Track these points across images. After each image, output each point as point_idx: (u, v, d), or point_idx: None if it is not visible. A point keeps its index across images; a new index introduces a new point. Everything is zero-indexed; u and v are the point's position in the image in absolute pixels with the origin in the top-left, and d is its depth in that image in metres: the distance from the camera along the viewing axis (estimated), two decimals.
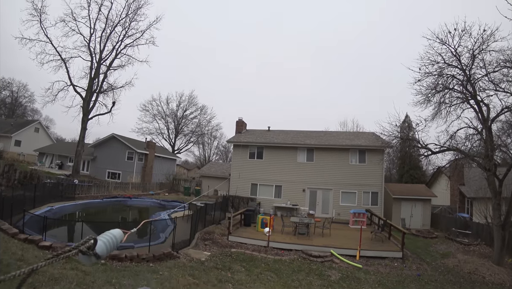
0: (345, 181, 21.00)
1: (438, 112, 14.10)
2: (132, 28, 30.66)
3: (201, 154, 60.51)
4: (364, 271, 10.23)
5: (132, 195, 24.00)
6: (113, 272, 6.52)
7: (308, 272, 9.51)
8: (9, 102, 58.29)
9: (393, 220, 18.23)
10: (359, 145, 21.51)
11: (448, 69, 13.70)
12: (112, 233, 1.50)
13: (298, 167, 22.17)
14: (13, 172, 16.92)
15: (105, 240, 1.41)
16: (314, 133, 25.34)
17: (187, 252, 9.91)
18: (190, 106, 55.25)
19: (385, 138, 15.78)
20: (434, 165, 19.37)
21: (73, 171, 28.17)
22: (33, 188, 15.19)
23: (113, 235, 1.49)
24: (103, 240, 1.41)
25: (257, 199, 22.09)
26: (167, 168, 37.12)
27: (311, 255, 11.14)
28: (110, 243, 1.44)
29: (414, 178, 32.12)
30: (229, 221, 13.23)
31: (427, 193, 21.60)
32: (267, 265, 9.87)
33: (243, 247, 11.85)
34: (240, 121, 26.71)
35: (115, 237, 1.49)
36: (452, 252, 13.96)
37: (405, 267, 10.89)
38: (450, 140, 13.71)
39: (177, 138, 54.76)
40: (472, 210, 20.74)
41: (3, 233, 8.13)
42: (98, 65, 29.57)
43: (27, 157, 38.39)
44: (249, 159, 23.36)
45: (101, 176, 31.58)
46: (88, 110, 28.80)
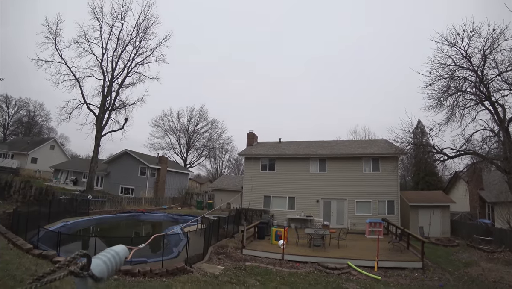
0: (360, 190, 20.57)
1: (452, 115, 13.81)
2: (142, 47, 31.54)
3: (213, 167, 60.77)
4: (383, 282, 9.84)
5: (145, 209, 24.11)
6: (125, 287, 6.45)
7: (325, 285, 9.21)
8: (26, 121, 60.26)
9: (410, 229, 17.64)
10: (372, 153, 21.15)
11: (460, 71, 13.48)
12: (114, 249, 1.28)
13: (311, 177, 21.89)
14: (29, 189, 17.29)
15: (105, 258, 1.18)
16: (326, 143, 25.10)
17: (200, 266, 9.77)
18: (201, 121, 55.89)
19: (398, 145, 15.47)
20: (451, 170, 18.85)
21: (87, 187, 28.59)
22: (48, 204, 15.44)
23: (116, 252, 1.27)
24: (103, 258, 1.18)
25: (270, 211, 21.84)
26: (179, 182, 37.28)
27: (328, 267, 10.82)
28: (112, 261, 1.21)
29: (430, 185, 31.20)
30: (243, 234, 13.06)
31: (445, 200, 20.91)
32: (282, 278, 9.62)
33: (257, 261, 11.62)
34: (251, 134, 26.73)
35: (117, 254, 1.26)
36: (475, 260, 13.34)
37: (426, 278, 10.43)
38: (466, 144, 13.36)
39: (188, 152, 55.21)
40: (494, 215, 19.93)
41: (17, 248, 8.21)
42: (110, 84, 30.36)
43: (43, 173, 39.31)
44: (261, 171, 23.23)
45: (115, 191, 31.93)
46: (101, 127, 29.42)
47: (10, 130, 59.03)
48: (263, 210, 21.79)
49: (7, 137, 56.94)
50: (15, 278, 4.72)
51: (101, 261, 1.15)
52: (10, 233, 9.51)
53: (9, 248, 7.97)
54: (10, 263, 6.20)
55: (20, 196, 16.40)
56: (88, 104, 29.79)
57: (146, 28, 31.05)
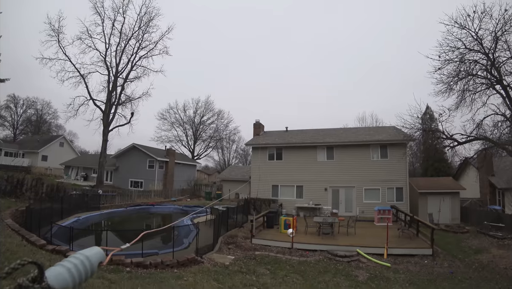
0: (368, 177, 20.46)
1: (462, 100, 13.50)
2: (145, 40, 31.43)
3: (220, 158, 61.07)
4: (393, 270, 9.85)
5: (155, 202, 24.41)
6: (138, 279, 6.56)
7: (334, 273, 9.25)
8: (35, 120, 61.18)
9: (419, 216, 17.52)
10: (380, 140, 20.94)
11: (470, 55, 13.11)
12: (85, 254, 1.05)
13: (318, 165, 21.84)
14: (41, 186, 17.57)
15: (70, 265, 0.96)
16: (333, 131, 24.92)
17: (211, 257, 9.89)
18: (207, 112, 55.91)
19: (406, 132, 15.24)
20: (461, 156, 18.58)
21: (97, 182, 29.03)
22: (60, 200, 15.71)
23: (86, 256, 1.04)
24: (67, 265, 0.95)
25: (278, 200, 21.93)
26: (187, 174, 37.58)
27: (337, 255, 10.87)
28: (80, 269, 0.97)
29: (440, 171, 30.87)
30: (252, 223, 13.16)
31: (455, 186, 20.67)
32: (292, 267, 9.70)
33: (267, 250, 11.72)
34: (258, 123, 26.66)
35: (88, 260, 1.03)
36: (485, 247, 13.20)
37: (436, 265, 10.40)
38: (477, 129, 13.08)
39: (196, 144, 55.46)
40: (504, 201, 19.68)
41: (31, 244, 8.38)
42: (115, 79, 30.44)
43: (54, 170, 40.00)
44: (268, 161, 23.25)
45: (124, 185, 32.36)
46: (108, 122, 29.65)
47: (19, 130, 60.07)
48: (272, 199, 21.88)
49: (17, 136, 57.97)
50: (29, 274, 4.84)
51: (64, 269, 0.94)
52: (23, 230, 9.71)
53: (23, 244, 8.15)
54: None
55: (32, 194, 16.69)
56: (94, 100, 30.01)
57: (148, 21, 30.88)
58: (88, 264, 1.02)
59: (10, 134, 58.60)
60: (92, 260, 1.04)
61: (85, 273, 0.99)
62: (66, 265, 0.95)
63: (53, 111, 62.23)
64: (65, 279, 0.91)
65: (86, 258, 1.02)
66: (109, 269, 6.99)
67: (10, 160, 37.25)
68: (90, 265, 1.03)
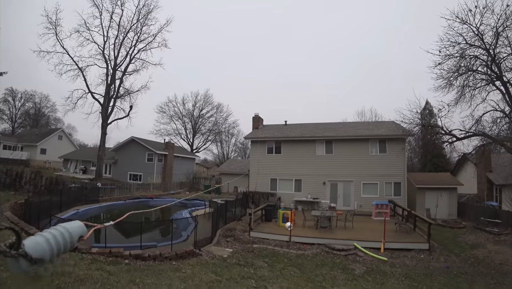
0: (366, 172, 20.55)
1: (461, 96, 13.46)
2: (144, 33, 31.19)
3: (219, 151, 61.17)
4: (389, 264, 9.94)
5: (153, 195, 24.48)
6: (136, 271, 6.60)
7: (331, 266, 9.33)
8: (33, 113, 61.02)
9: (417, 211, 17.64)
10: (379, 134, 20.97)
11: (471, 50, 13.02)
12: (65, 226, 1.04)
13: (317, 159, 21.89)
14: (40, 179, 17.59)
15: (49, 235, 0.96)
16: (332, 125, 24.93)
17: (209, 250, 9.95)
18: (206, 106, 55.83)
19: (406, 127, 15.24)
20: (459, 151, 18.64)
21: (96, 175, 29.05)
22: (59, 193, 15.74)
23: (66, 229, 1.02)
24: (47, 235, 0.96)
25: (277, 194, 22.02)
26: (186, 167, 37.64)
27: (334, 249, 10.95)
28: (59, 240, 0.97)
29: (438, 167, 30.97)
30: (250, 217, 13.22)
31: (453, 182, 20.79)
32: (289, 260, 9.77)
33: (265, 243, 11.79)
34: (257, 117, 26.63)
35: (68, 232, 1.02)
36: (481, 242, 13.31)
37: (432, 259, 10.49)
38: (476, 125, 13.06)
39: (195, 137, 55.47)
40: (501, 197, 19.78)
41: None
42: (113, 72, 30.26)
43: (53, 163, 40.01)
44: (267, 154, 23.29)
45: (123, 178, 32.42)
46: (107, 115, 29.56)
47: (17, 123, 59.95)
48: (270, 192, 21.97)
49: (16, 130, 57.83)
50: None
51: (43, 239, 0.94)
52: (22, 223, 9.73)
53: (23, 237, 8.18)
54: None
55: (31, 186, 16.72)
56: (93, 93, 29.89)
57: (147, 14, 30.61)
58: (68, 236, 1.01)
59: (9, 127, 58.56)
60: (72, 233, 1.04)
61: (63, 244, 0.99)
62: (45, 235, 0.96)
63: (51, 104, 62.10)
64: (43, 248, 0.91)
65: (66, 231, 1.02)
66: (107, 261, 7.03)
67: (8, 153, 37.19)
68: (70, 237, 1.02)
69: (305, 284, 7.50)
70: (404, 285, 8.00)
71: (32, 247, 0.88)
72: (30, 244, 0.89)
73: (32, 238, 0.92)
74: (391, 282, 8.25)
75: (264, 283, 7.18)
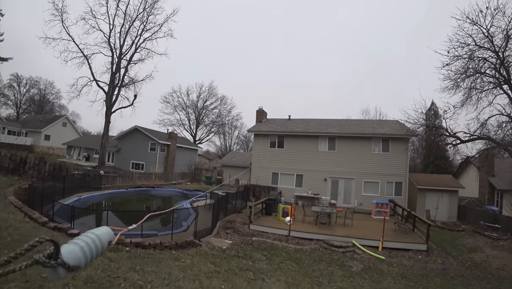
0: (368, 170, 20.54)
1: (468, 98, 13.36)
2: (150, 22, 30.97)
3: (222, 143, 61.32)
4: (387, 262, 10.01)
5: (155, 184, 24.64)
6: (137, 259, 6.71)
7: (329, 262, 9.42)
8: (38, 100, 61.28)
9: (417, 211, 17.67)
10: (382, 133, 20.90)
11: (479, 52, 12.89)
12: (95, 233, 1.08)
13: (319, 156, 21.90)
14: (43, 165, 17.70)
15: (83, 243, 1.00)
16: (336, 122, 24.85)
17: (209, 240, 10.06)
18: (210, 97, 55.76)
19: (410, 126, 15.19)
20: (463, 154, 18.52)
21: (99, 163, 29.21)
22: (62, 179, 15.89)
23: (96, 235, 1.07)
24: (80, 243, 1.00)
25: (278, 188, 22.09)
26: (188, 158, 37.78)
27: (333, 245, 11.02)
28: (91, 247, 1.02)
29: (440, 168, 30.87)
30: (251, 210, 13.31)
31: (454, 184, 20.73)
32: (288, 254, 9.87)
33: (264, 236, 11.90)
34: (260, 110, 26.58)
35: (98, 239, 1.07)
36: (480, 246, 13.34)
37: (430, 261, 10.55)
38: (481, 129, 13.00)
39: (198, 128, 55.54)
40: (502, 202, 19.72)
41: (33, 221, 8.53)
42: (118, 60, 30.19)
43: (57, 150, 40.25)
44: (269, 148, 23.31)
45: (126, 166, 32.61)
46: (111, 104, 29.58)
47: (22, 109, 60.19)
48: (271, 186, 22.04)
49: (20, 115, 58.09)
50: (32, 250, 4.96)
51: (77, 248, 0.98)
52: (26, 207, 9.84)
53: (26, 221, 8.31)
54: (27, 236, 6.49)
55: (35, 172, 16.84)
56: (97, 81, 29.84)
57: (153, 3, 30.32)
58: (99, 242, 1.06)
59: (13, 113, 58.81)
60: (102, 239, 1.09)
61: (95, 251, 1.04)
62: (79, 243, 0.99)
63: (56, 91, 62.26)
64: (78, 256, 0.95)
65: (97, 237, 1.07)
66: (108, 248, 7.13)
67: (13, 139, 37.45)
68: (101, 243, 1.07)
69: (302, 278, 7.58)
70: (401, 285, 8.07)
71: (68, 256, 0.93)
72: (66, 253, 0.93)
73: (67, 246, 0.96)
74: (387, 280, 8.32)
75: (262, 276, 7.27)
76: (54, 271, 0.90)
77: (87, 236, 1.05)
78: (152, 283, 5.24)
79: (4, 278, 3.84)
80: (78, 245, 0.98)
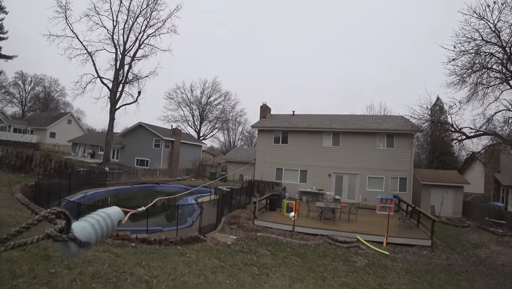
0: (372, 166, 20.49)
1: (474, 94, 13.19)
2: (153, 18, 31.06)
3: (226, 139, 61.46)
4: (391, 258, 10.01)
5: (160, 180, 24.80)
6: (142, 254, 6.78)
7: (333, 258, 9.44)
8: (43, 97, 61.78)
9: (422, 207, 17.62)
10: (387, 128, 20.80)
11: (486, 47, 12.69)
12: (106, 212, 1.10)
13: (323, 151, 21.88)
14: (49, 162, 17.85)
15: (93, 220, 1.01)
16: (340, 117, 24.77)
17: (213, 236, 10.13)
18: (214, 93, 55.85)
19: (415, 122, 15.07)
20: (468, 150, 18.40)
21: (104, 159, 29.47)
22: (68, 176, 16.05)
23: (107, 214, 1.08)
24: (91, 220, 1.00)
25: (282, 184, 22.13)
26: (193, 154, 37.93)
27: (337, 241, 11.05)
28: (102, 225, 1.02)
29: (445, 164, 30.69)
30: (255, 205, 13.35)
31: (460, 180, 20.61)
32: (292, 249, 9.91)
33: (268, 231, 11.95)
34: (264, 106, 26.55)
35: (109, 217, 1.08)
36: (484, 242, 13.28)
37: (434, 256, 10.53)
38: (487, 124, 12.86)
39: (202, 124, 55.72)
40: (508, 198, 19.59)
41: None
42: (122, 57, 30.31)
43: (62, 147, 40.64)
44: (274, 144, 23.33)
45: (130, 163, 32.84)
46: (115, 100, 29.76)
47: (27, 107, 60.77)
48: (275, 182, 22.09)
49: (26, 113, 58.63)
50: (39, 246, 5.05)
51: (88, 224, 0.98)
52: (33, 204, 9.93)
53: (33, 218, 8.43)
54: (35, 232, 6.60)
55: (41, 169, 16.99)
56: (101, 78, 30.04)
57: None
58: (110, 221, 1.07)
59: (19, 111, 59.42)
60: (112, 218, 1.10)
61: (106, 229, 1.04)
62: (90, 221, 1.00)
63: (60, 88, 62.75)
64: (89, 233, 0.96)
65: (108, 216, 1.08)
66: (115, 244, 7.22)
67: (19, 136, 37.83)
68: (111, 222, 1.08)
69: (306, 273, 7.62)
70: (405, 280, 8.08)
71: (80, 232, 0.92)
72: (77, 229, 0.93)
73: (78, 223, 0.96)
74: (391, 276, 8.33)
75: (267, 271, 7.32)
76: (65, 246, 0.90)
77: (98, 214, 1.06)
78: (158, 278, 5.29)
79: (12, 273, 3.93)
80: (89, 222, 0.99)
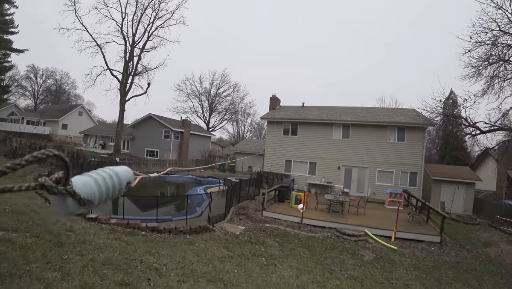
0: (382, 159, 20.26)
1: (489, 87, 12.80)
2: (161, 10, 31.09)
3: (235, 131, 61.57)
4: (399, 253, 9.95)
5: (169, 171, 25.02)
6: (152, 242, 6.91)
7: (341, 251, 9.45)
8: (54, 90, 62.93)
9: (431, 203, 17.34)
10: (398, 121, 20.46)
11: (504, 38, 12.26)
12: (114, 169, 0.93)
13: (333, 143, 21.72)
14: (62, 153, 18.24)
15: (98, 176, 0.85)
16: (350, 110, 24.46)
17: (222, 226, 10.22)
18: (223, 84, 55.76)
19: (427, 115, 14.78)
20: (482, 145, 17.97)
21: (114, 150, 29.89)
22: (79, 166, 16.38)
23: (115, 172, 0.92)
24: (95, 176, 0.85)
25: (291, 176, 22.13)
26: (202, 145, 38.17)
27: (345, 234, 11.02)
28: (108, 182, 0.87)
29: (457, 160, 30.05)
30: (264, 196, 13.39)
31: (472, 176, 20.16)
32: (300, 241, 9.94)
33: (276, 223, 12.00)
34: (274, 97, 26.39)
35: (117, 176, 0.91)
36: (495, 241, 13.00)
37: (443, 253, 10.40)
38: (502, 119, 12.52)
39: (211, 116, 55.85)
40: None
41: None
42: (131, 49, 30.40)
43: (74, 138, 41.41)
44: (283, 136, 23.27)
45: (140, 154, 33.26)
46: (125, 92, 29.99)
47: (40, 99, 62.02)
48: (284, 174, 22.09)
49: (38, 106, 59.83)
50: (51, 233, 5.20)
51: (92, 180, 0.83)
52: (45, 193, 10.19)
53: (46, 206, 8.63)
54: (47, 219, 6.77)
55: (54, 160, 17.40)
56: (111, 70, 30.24)
57: None
58: (117, 180, 0.91)
59: (31, 103, 60.67)
60: (121, 178, 0.93)
61: (112, 188, 0.89)
62: (94, 176, 0.85)
63: (71, 81, 63.76)
64: (92, 190, 0.81)
65: (115, 174, 0.92)
66: (125, 232, 7.37)
67: (32, 128, 38.68)
68: (119, 181, 0.92)
69: (314, 265, 7.65)
70: (412, 276, 8.03)
71: (81, 187, 0.76)
72: (79, 184, 0.77)
73: (80, 177, 0.80)
74: (399, 271, 8.29)
75: (274, 262, 7.38)
76: (62, 202, 0.75)
77: (104, 170, 0.90)
78: (167, 266, 5.39)
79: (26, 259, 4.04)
80: (93, 178, 0.84)
